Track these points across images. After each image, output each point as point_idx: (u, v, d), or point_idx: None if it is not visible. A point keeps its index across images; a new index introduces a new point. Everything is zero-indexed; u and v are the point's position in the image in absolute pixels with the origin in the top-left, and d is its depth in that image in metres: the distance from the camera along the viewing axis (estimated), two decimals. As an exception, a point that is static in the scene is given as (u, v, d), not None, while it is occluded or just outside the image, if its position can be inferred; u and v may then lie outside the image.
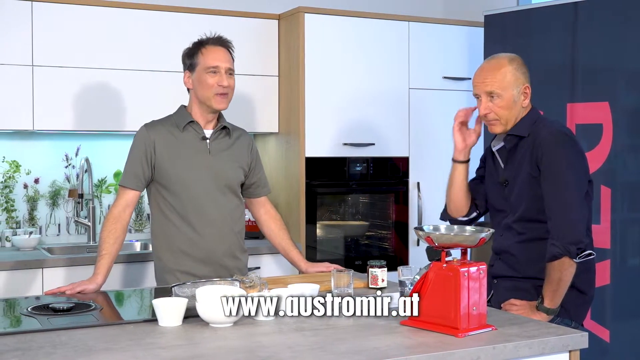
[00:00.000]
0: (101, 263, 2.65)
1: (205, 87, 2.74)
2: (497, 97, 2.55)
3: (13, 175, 3.89)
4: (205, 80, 2.74)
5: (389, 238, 4.26)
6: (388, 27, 4.17)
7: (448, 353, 1.84)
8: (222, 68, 2.74)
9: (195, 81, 2.76)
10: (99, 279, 2.62)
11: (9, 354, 1.79)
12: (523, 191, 2.55)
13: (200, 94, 2.76)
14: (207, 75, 2.74)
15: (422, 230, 2.11)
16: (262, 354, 1.80)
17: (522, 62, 2.60)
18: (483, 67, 2.61)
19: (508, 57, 2.59)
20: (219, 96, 2.75)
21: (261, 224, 3.03)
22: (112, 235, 2.70)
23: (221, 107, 2.78)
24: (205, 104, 2.77)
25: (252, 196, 2.99)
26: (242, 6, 4.25)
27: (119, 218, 2.73)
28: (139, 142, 2.77)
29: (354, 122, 4.09)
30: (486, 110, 2.57)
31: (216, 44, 2.77)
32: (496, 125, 2.59)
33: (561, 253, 2.40)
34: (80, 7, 3.72)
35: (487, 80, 2.55)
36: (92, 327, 2.08)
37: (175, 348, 1.86)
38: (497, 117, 2.56)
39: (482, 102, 2.57)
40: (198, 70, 2.75)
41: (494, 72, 2.55)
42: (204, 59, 2.74)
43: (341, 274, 2.28)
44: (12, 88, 3.60)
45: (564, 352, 2.00)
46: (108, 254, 2.68)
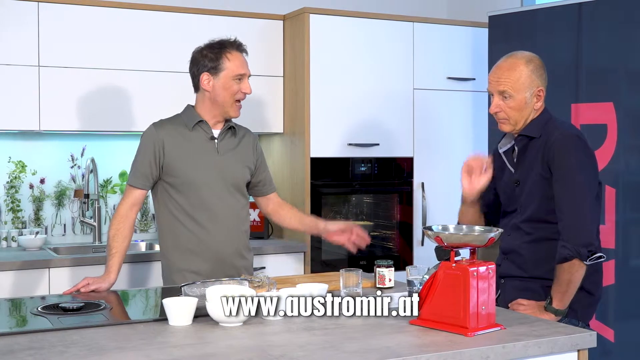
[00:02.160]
0: (113, 261, 2.69)
1: (230, 93, 2.76)
2: (509, 98, 2.55)
3: (19, 176, 3.90)
4: (231, 87, 2.76)
5: (393, 238, 4.27)
6: (392, 27, 4.18)
7: (458, 352, 1.85)
8: (246, 75, 2.79)
9: (219, 86, 2.76)
10: (112, 277, 2.66)
11: (22, 353, 1.80)
12: (533, 191, 2.56)
13: (221, 99, 2.77)
14: (233, 82, 2.76)
15: (431, 230, 2.12)
16: (274, 353, 1.81)
17: (539, 64, 2.58)
18: (499, 65, 2.60)
19: (526, 57, 2.58)
20: (238, 104, 2.79)
21: (272, 216, 3.03)
22: (121, 233, 2.73)
23: (237, 116, 2.81)
24: (221, 109, 2.78)
25: (260, 194, 3.00)
26: (248, 7, 4.27)
27: (127, 216, 2.75)
28: (148, 141, 2.78)
29: (359, 122, 4.10)
30: (497, 109, 2.58)
31: (239, 49, 2.79)
32: (505, 124, 2.60)
33: (572, 255, 2.40)
34: (86, 8, 3.74)
35: (501, 79, 2.55)
36: (103, 326, 2.09)
37: (187, 347, 1.87)
38: (507, 116, 2.57)
39: (494, 100, 2.58)
40: (224, 75, 2.75)
41: (509, 72, 2.55)
42: (231, 65, 2.75)
43: (350, 274, 2.29)
44: (19, 88, 3.61)
45: (573, 351, 2.01)
46: (118, 252, 2.70)
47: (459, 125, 4.34)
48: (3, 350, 1.83)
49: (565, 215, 2.45)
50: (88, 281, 2.61)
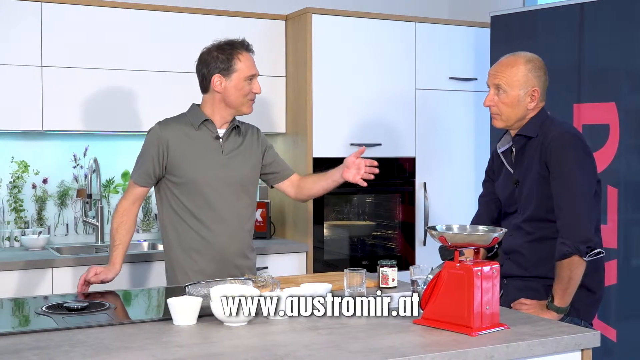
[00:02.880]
0: (117, 253, 2.75)
1: (242, 94, 2.79)
2: (502, 92, 2.59)
3: (22, 176, 3.90)
4: (243, 88, 2.79)
5: (395, 238, 4.27)
6: (394, 27, 4.19)
7: (463, 352, 1.85)
8: (256, 76, 2.83)
9: (231, 87, 2.78)
10: (117, 268, 2.73)
11: (28, 352, 1.81)
12: (532, 191, 2.57)
13: (234, 100, 2.79)
14: (245, 82, 2.79)
15: (436, 229, 2.13)
16: (279, 352, 1.82)
17: (539, 65, 2.61)
18: (500, 61, 2.65)
19: (526, 57, 2.62)
20: (251, 102, 2.84)
21: (298, 195, 3.00)
22: (124, 226, 2.78)
23: (250, 112, 2.86)
24: (235, 109, 2.81)
25: (278, 180, 2.98)
26: (250, 7, 4.27)
27: (129, 210, 2.80)
28: (152, 140, 2.78)
29: (361, 122, 4.11)
30: (490, 103, 2.62)
31: (248, 50, 2.82)
32: (497, 119, 2.64)
33: (571, 252, 2.41)
34: (89, 8, 3.74)
35: (498, 73, 2.60)
36: (108, 325, 2.09)
37: (193, 346, 1.88)
38: (499, 112, 2.61)
39: (489, 93, 2.63)
40: (236, 77, 2.77)
41: (506, 68, 2.59)
42: (242, 66, 2.78)
43: (354, 274, 2.30)
44: (22, 88, 3.61)
45: (577, 350, 2.02)
46: (122, 243, 2.76)
47: (461, 126, 4.35)
48: (9, 349, 1.84)
49: (563, 213, 2.47)
50: (96, 270, 2.67)
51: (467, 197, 4.25)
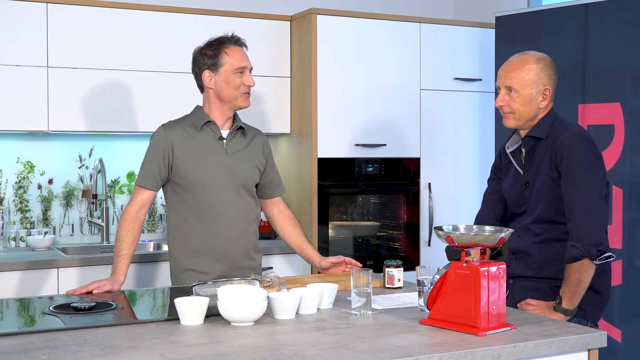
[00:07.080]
0: (122, 263, 2.69)
1: (233, 87, 2.77)
2: (514, 92, 2.58)
3: (27, 176, 3.91)
4: (233, 81, 2.77)
5: (400, 238, 4.28)
6: (399, 28, 4.19)
7: (470, 351, 1.86)
8: (247, 68, 2.80)
9: (221, 81, 2.78)
10: (121, 279, 2.66)
11: (37, 352, 1.82)
12: (541, 192, 2.57)
13: (226, 94, 2.78)
14: (235, 75, 2.77)
15: (442, 230, 2.13)
16: (287, 352, 1.82)
17: (550, 64, 2.61)
18: (510, 60, 2.64)
19: (536, 56, 2.62)
20: (246, 95, 2.81)
21: (275, 224, 3.05)
22: (130, 234, 2.73)
23: (247, 105, 2.83)
24: (229, 103, 2.80)
25: (266, 197, 3.00)
26: (255, 8, 4.28)
27: (136, 217, 2.76)
28: (157, 143, 2.79)
29: (366, 123, 4.11)
30: (502, 103, 2.61)
31: (237, 44, 2.81)
32: (509, 118, 2.62)
33: (581, 255, 2.41)
34: (95, 9, 3.75)
35: (509, 74, 2.59)
36: (115, 325, 2.10)
37: (200, 346, 1.88)
38: (512, 110, 2.60)
39: (500, 93, 2.62)
40: (224, 70, 2.77)
41: (517, 68, 2.59)
42: (230, 59, 2.77)
43: (360, 274, 2.30)
44: (27, 89, 3.62)
45: (583, 350, 2.02)
46: (127, 254, 2.71)
47: (465, 126, 4.35)
48: (18, 349, 1.84)
49: (574, 216, 2.46)
50: (99, 284, 2.60)
51: (472, 198, 4.25)
